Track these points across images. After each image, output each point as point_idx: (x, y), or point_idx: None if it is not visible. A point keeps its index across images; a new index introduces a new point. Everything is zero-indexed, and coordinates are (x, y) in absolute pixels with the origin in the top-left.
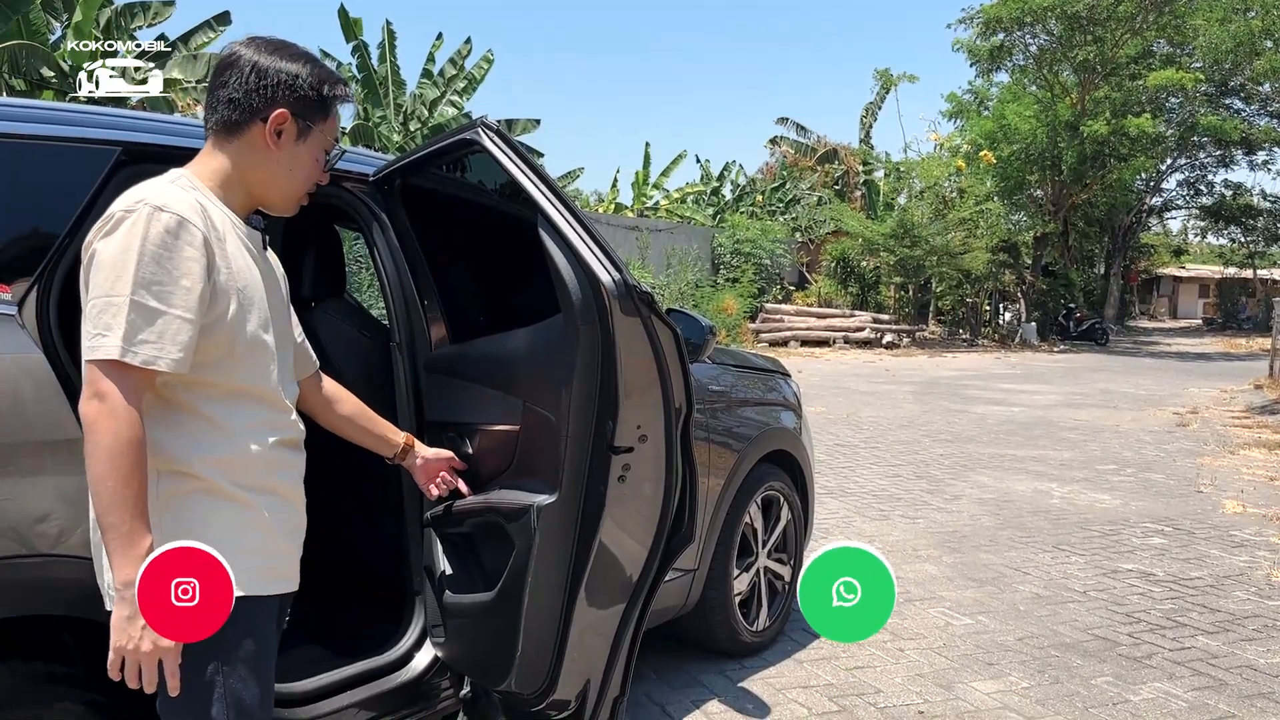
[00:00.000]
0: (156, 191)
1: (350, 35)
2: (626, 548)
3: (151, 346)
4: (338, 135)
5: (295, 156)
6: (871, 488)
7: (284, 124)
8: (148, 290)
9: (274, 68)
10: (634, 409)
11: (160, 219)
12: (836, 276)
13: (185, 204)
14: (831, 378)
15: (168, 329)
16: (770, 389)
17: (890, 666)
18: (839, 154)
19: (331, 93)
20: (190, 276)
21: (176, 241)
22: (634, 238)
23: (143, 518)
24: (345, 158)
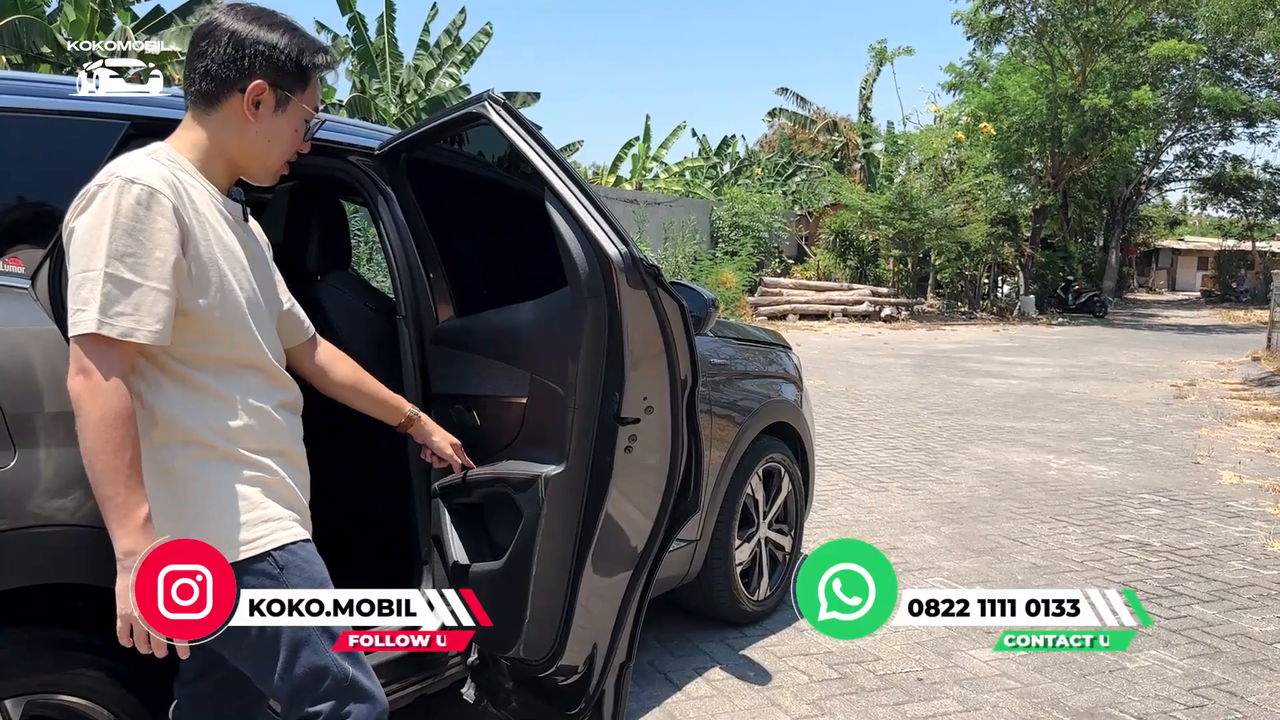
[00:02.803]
0: (129, 164)
1: (346, 7)
2: (632, 517)
3: (129, 319)
4: (318, 104)
5: (274, 127)
6: (870, 460)
7: (262, 95)
8: (121, 262)
9: (251, 38)
10: (640, 381)
11: (131, 191)
12: (835, 250)
13: (157, 175)
14: (830, 351)
15: (144, 300)
16: (771, 361)
17: (889, 634)
18: (838, 126)
19: (310, 62)
20: (163, 248)
21: (148, 213)
22: (631, 211)
23: (138, 488)
24: (351, 131)
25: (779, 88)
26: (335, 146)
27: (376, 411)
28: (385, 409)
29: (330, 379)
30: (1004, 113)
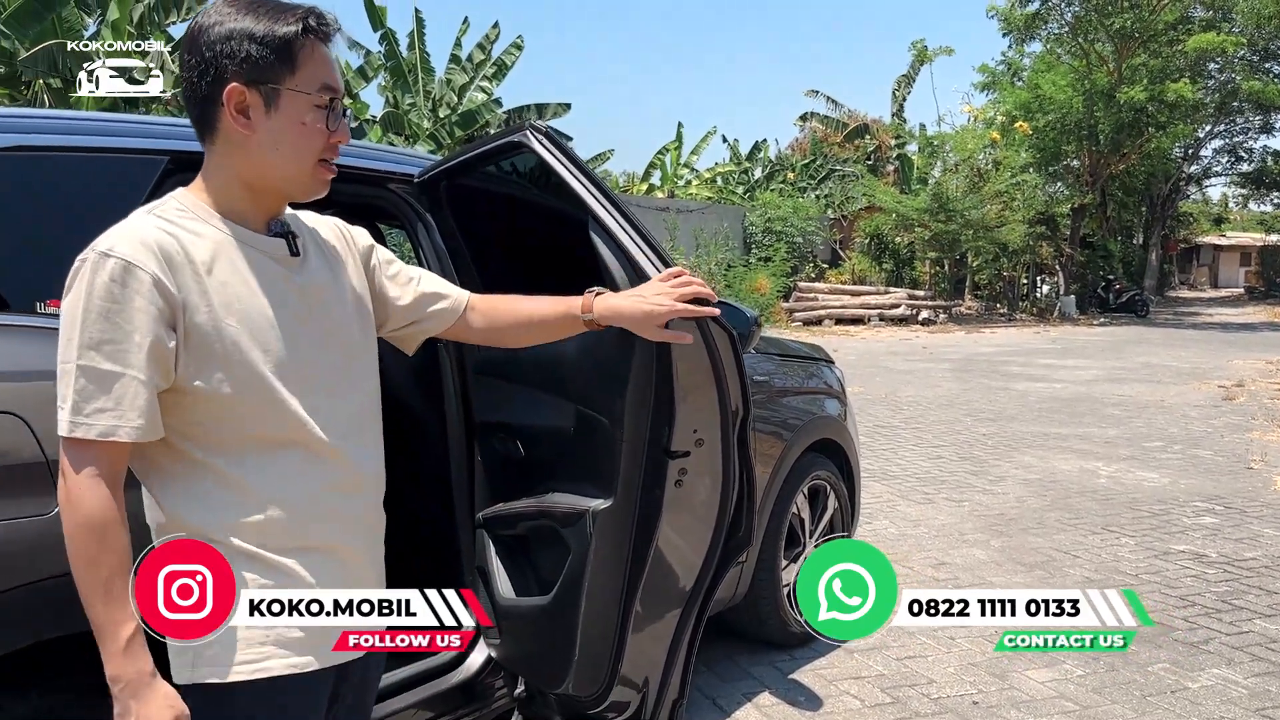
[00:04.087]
0: (111, 233)
1: (377, 24)
2: (683, 552)
3: (109, 415)
4: (331, 81)
5: (274, 131)
6: (914, 470)
7: (241, 99)
8: (97, 351)
9: (207, 37)
10: (690, 413)
11: (105, 267)
12: (870, 253)
13: (137, 242)
14: (868, 356)
15: (125, 393)
16: (814, 376)
17: (943, 656)
18: (870, 128)
19: (284, 34)
20: (141, 330)
21: (124, 290)
22: (663, 219)
23: (120, 604)
24: (391, 159)
25: (809, 90)
26: (375, 175)
27: (563, 332)
28: (563, 324)
29: (501, 333)
30: (1039, 111)
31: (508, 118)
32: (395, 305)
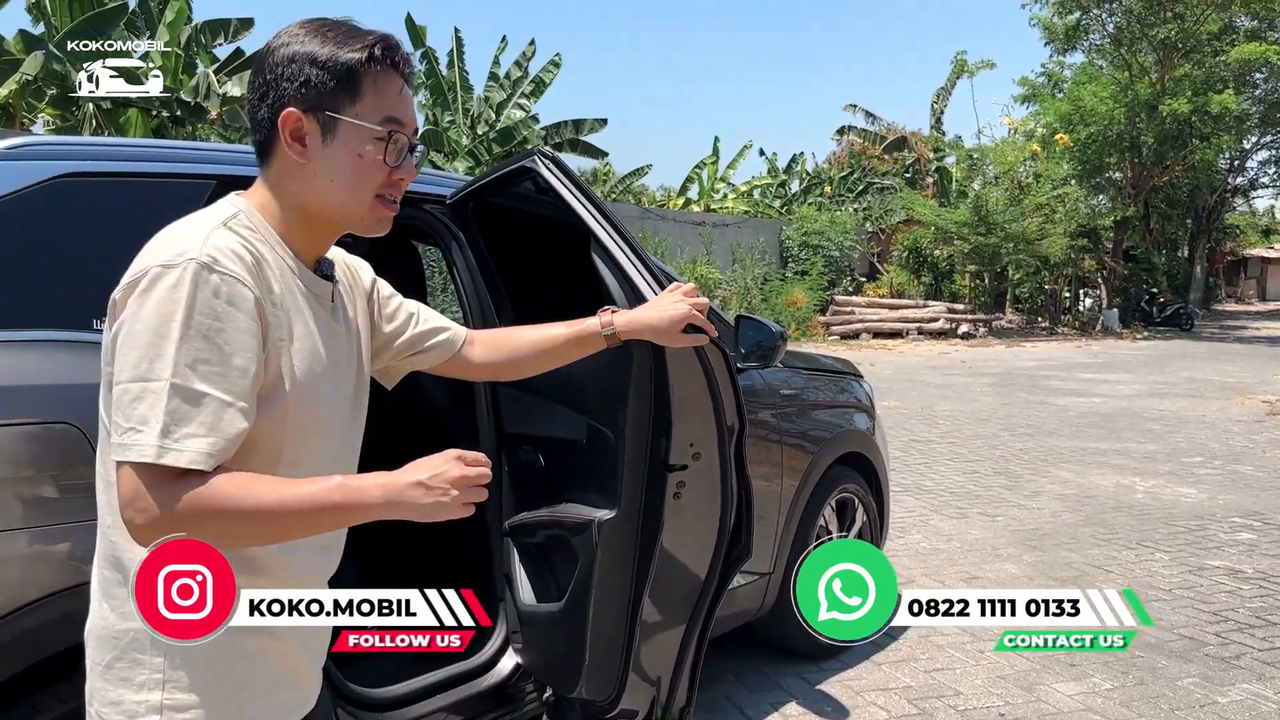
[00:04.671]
0: (203, 240)
1: (417, 43)
2: (686, 563)
3: (200, 441)
4: (398, 114)
5: (330, 161)
6: (949, 484)
7: (298, 126)
8: (193, 371)
9: (271, 61)
10: (686, 427)
11: (208, 281)
12: (909, 266)
13: (236, 258)
14: (905, 370)
15: (219, 419)
16: (842, 391)
17: (971, 668)
18: (909, 141)
19: (348, 61)
20: (244, 353)
21: (229, 308)
22: (699, 233)
23: (302, 483)
24: (428, 181)
25: (848, 104)
26: (412, 196)
27: (574, 353)
28: (579, 345)
29: (509, 364)
30: (1081, 123)
31: (544, 134)
32: (394, 339)
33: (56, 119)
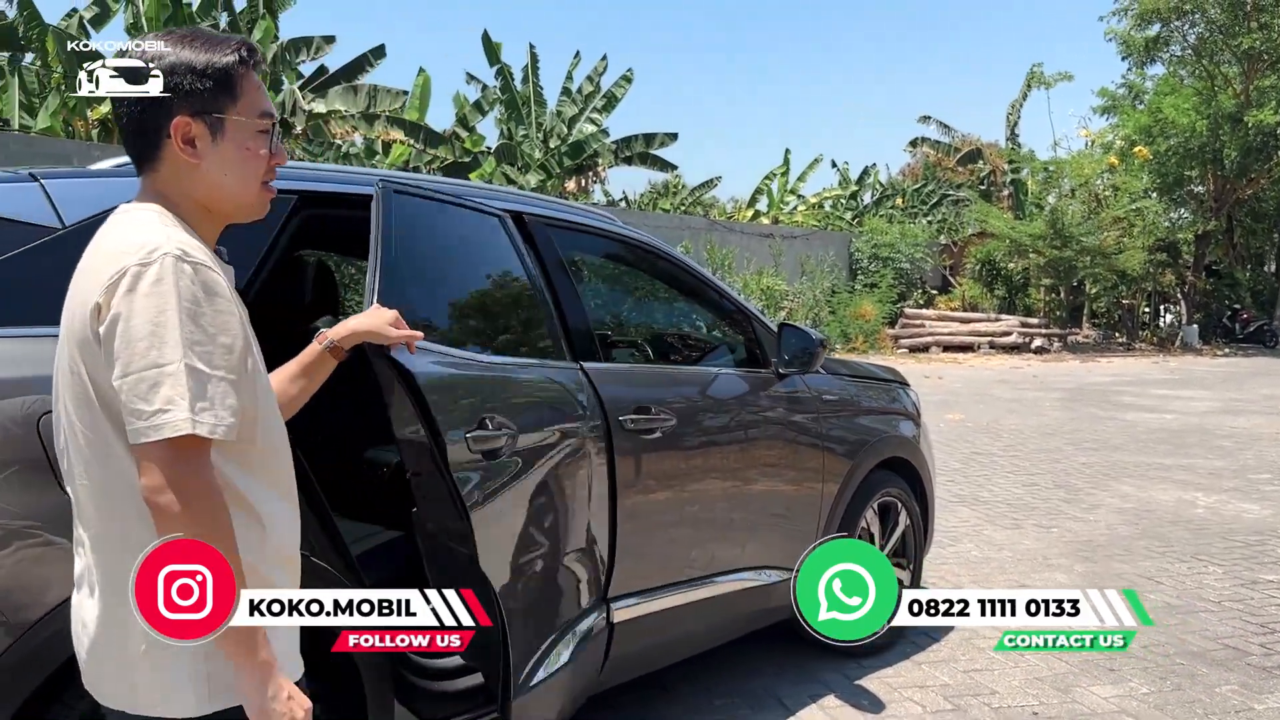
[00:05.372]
0: (163, 236)
1: (493, 59)
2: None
3: (210, 414)
4: (268, 107)
5: (221, 158)
6: (1006, 496)
7: (188, 130)
8: (193, 351)
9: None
10: (404, 446)
11: (185, 270)
12: (982, 280)
13: (197, 248)
14: (974, 384)
15: (217, 393)
16: (886, 397)
17: (1009, 670)
18: (984, 153)
19: (224, 66)
20: (227, 332)
21: (208, 295)
22: (768, 245)
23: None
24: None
25: (922, 116)
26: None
27: (314, 377)
28: (314, 368)
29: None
30: (1161, 135)
31: (615, 147)
32: None
33: None
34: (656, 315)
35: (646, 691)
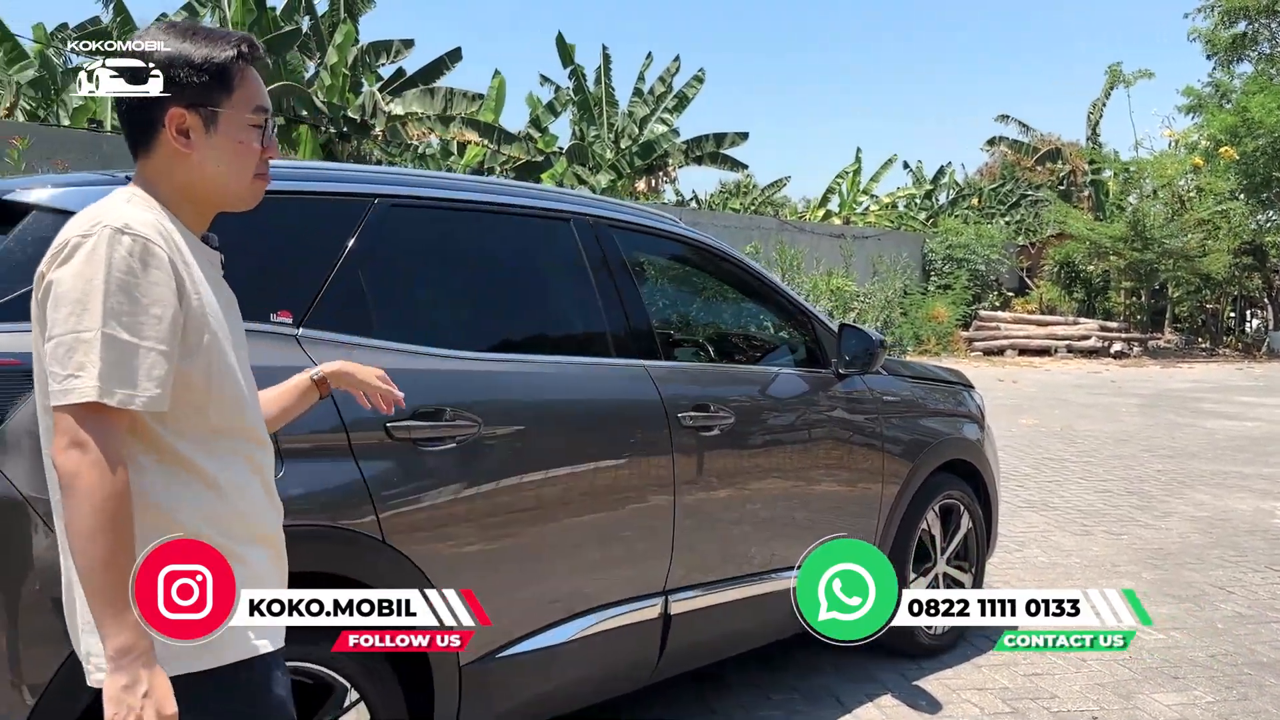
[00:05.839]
0: (114, 212)
1: (566, 60)
2: None
3: (125, 385)
4: (263, 101)
5: (214, 150)
6: (1077, 502)
7: (182, 122)
8: (118, 322)
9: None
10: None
11: (122, 242)
12: (1060, 282)
13: (148, 224)
14: (1049, 388)
15: (142, 364)
16: (949, 399)
17: (1070, 675)
18: (1063, 152)
19: (222, 59)
20: (160, 304)
21: (144, 265)
22: (839, 245)
23: (127, 576)
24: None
25: (999, 115)
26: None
27: (296, 410)
28: (302, 396)
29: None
30: (1248, 135)
31: (685, 147)
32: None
33: None
34: (717, 315)
35: (703, 685)
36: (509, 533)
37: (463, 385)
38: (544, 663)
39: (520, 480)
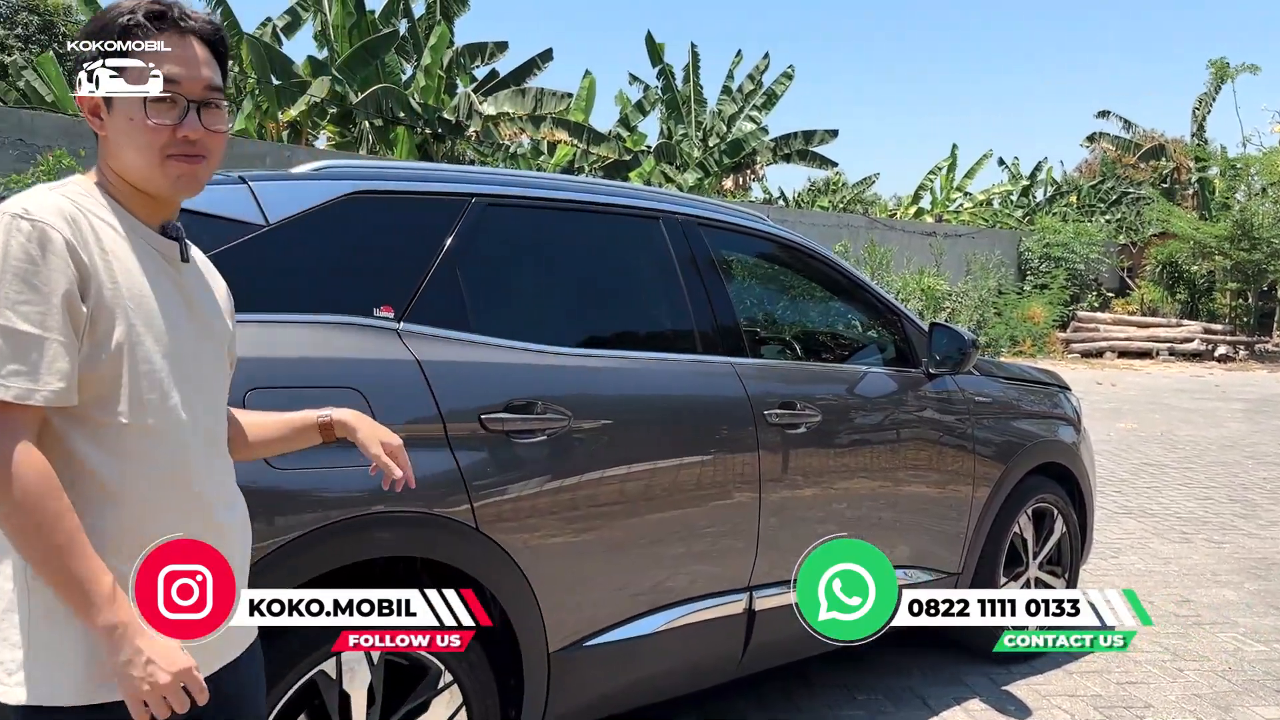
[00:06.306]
0: (22, 198)
1: (655, 59)
2: None
3: (25, 378)
4: (168, 73)
5: (115, 129)
6: (1176, 509)
7: (92, 100)
8: (14, 312)
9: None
10: None
11: (20, 228)
12: (1162, 282)
13: (52, 209)
14: (1150, 392)
15: (43, 356)
16: (1044, 401)
17: (1166, 685)
18: (1167, 149)
19: (113, 30)
20: (59, 293)
21: (42, 253)
22: (929, 244)
23: (90, 556)
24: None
25: (1100, 111)
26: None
27: (287, 445)
28: (301, 434)
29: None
30: None
31: (774, 145)
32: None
33: (336, 135)
34: (807, 314)
35: (788, 683)
36: (596, 524)
37: (554, 380)
38: (630, 653)
39: (608, 474)
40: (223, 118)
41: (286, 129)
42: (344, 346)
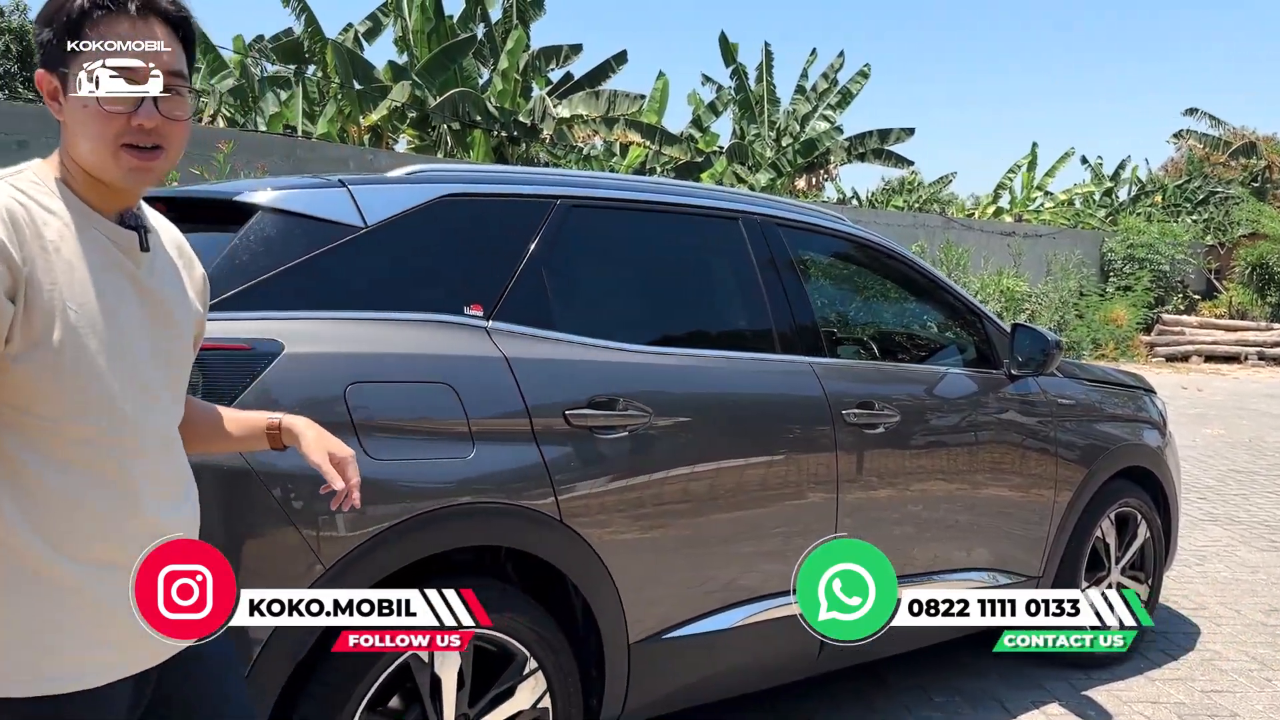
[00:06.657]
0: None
1: (729, 59)
2: None
3: None
4: (125, 60)
5: (71, 115)
6: (1264, 517)
7: (50, 85)
8: None
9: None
10: None
11: None
12: (1252, 284)
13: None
14: (1237, 397)
15: None
16: (1129, 404)
17: (1253, 695)
18: (1258, 147)
19: (69, 12)
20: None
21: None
22: (1008, 244)
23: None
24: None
25: (1187, 108)
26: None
27: (241, 444)
28: (246, 435)
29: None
30: None
31: (848, 144)
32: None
33: (416, 139)
34: (884, 314)
35: (862, 683)
36: (675, 519)
37: (635, 377)
38: (708, 647)
39: (687, 470)
40: (184, 105)
41: (368, 133)
42: (437, 344)
